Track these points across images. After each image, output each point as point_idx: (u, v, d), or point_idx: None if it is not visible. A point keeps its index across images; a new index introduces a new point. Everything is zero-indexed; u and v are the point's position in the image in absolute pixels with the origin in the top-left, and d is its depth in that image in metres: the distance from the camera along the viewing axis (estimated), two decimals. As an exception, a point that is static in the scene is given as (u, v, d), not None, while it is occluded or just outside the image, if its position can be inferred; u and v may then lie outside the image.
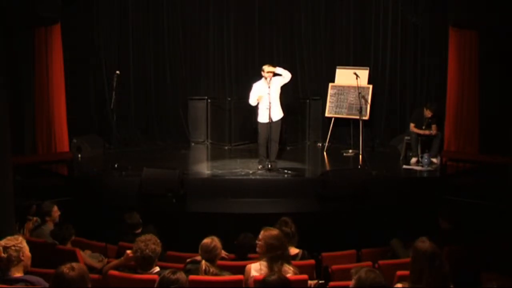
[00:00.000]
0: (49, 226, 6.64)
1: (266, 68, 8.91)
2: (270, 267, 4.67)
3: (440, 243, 4.64)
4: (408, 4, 10.85)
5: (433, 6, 10.49)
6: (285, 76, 9.06)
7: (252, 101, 9.08)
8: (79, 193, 8.54)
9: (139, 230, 6.51)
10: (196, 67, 11.82)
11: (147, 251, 4.57)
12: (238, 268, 5.10)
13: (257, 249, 4.91)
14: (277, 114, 9.04)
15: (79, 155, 10.31)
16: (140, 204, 8.24)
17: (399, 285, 4.03)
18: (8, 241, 4.25)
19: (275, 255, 4.70)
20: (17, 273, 4.16)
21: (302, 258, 5.47)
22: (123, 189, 8.68)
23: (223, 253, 5.28)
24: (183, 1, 11.54)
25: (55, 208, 6.83)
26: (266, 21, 11.66)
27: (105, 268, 5.15)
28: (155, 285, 3.86)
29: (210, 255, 4.91)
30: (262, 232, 4.89)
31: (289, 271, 4.66)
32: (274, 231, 4.91)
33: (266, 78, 8.86)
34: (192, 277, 4.61)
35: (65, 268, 3.56)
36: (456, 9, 9.38)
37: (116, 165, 9.37)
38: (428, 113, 9.77)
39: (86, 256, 6.05)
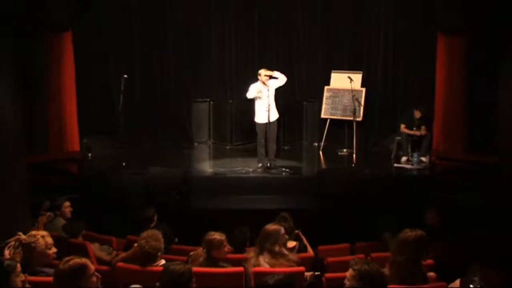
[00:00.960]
0: (61, 221, 6.67)
1: (263, 72, 8.91)
2: (258, 257, 4.72)
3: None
4: (399, 12, 10.88)
5: (423, 13, 10.50)
6: (281, 79, 9.09)
7: (251, 94, 9.03)
8: (89, 190, 8.56)
9: (152, 225, 6.51)
10: (199, 71, 11.83)
11: (147, 247, 4.60)
12: (237, 260, 5.14)
13: None
14: (274, 115, 9.07)
15: (89, 154, 10.33)
16: (145, 200, 8.25)
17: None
18: (28, 237, 4.32)
19: (262, 246, 4.74)
20: (37, 266, 4.30)
21: (299, 250, 5.51)
22: (130, 186, 8.70)
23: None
24: (187, 10, 11.56)
25: (66, 203, 6.86)
26: (266, 28, 11.69)
27: (114, 260, 5.17)
28: (160, 276, 3.86)
29: (211, 248, 4.91)
30: None
31: (284, 264, 4.69)
32: (269, 227, 4.93)
33: (263, 82, 8.87)
34: (195, 269, 4.63)
35: (61, 263, 3.59)
36: (444, 17, 9.41)
37: (123, 164, 9.40)
38: (418, 114, 9.80)
39: (95, 249, 6.08)
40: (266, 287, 3.53)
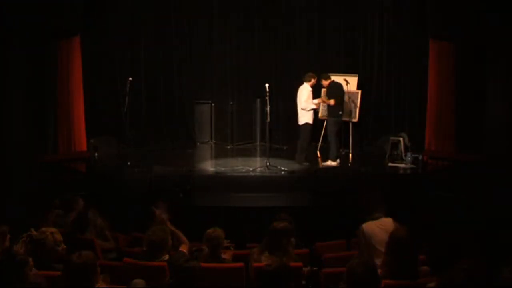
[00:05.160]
0: (71, 217, 6.68)
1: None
2: (261, 254, 4.75)
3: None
4: (393, 18, 10.92)
5: (415, 20, 10.55)
6: None
7: (309, 106, 9.53)
8: (96, 188, 8.58)
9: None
10: (201, 74, 11.88)
11: (153, 237, 4.61)
12: (239, 256, 5.16)
13: None
14: None
15: (96, 154, 10.35)
16: (150, 198, 8.27)
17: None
18: (39, 233, 4.36)
19: (269, 243, 4.78)
20: (47, 261, 4.34)
21: (296, 247, 5.51)
22: (135, 184, 8.72)
23: (225, 242, 5.32)
24: (190, 17, 11.62)
25: (79, 201, 6.87)
26: (265, 34, 11.73)
27: None
28: (170, 272, 3.85)
29: (213, 244, 4.95)
30: None
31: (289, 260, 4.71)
32: (279, 224, 4.95)
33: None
34: (198, 264, 4.65)
35: (73, 257, 3.64)
36: (435, 23, 9.46)
37: (129, 163, 9.43)
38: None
39: (102, 242, 6.10)
40: (266, 274, 3.54)
